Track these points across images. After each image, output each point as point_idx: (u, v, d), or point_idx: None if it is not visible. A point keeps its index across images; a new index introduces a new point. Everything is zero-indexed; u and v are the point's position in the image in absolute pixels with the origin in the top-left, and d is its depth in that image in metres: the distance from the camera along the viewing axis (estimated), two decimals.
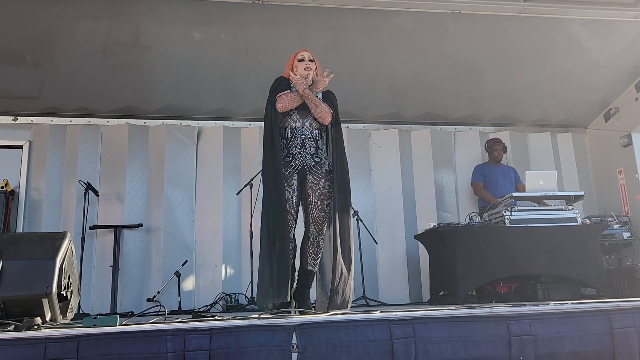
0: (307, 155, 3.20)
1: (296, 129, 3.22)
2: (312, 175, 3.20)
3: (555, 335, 2.40)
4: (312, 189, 3.19)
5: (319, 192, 3.18)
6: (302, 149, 3.20)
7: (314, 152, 3.22)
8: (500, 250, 4.65)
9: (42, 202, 5.53)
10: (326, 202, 3.18)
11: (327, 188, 3.19)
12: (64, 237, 2.65)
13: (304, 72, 3.30)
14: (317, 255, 3.20)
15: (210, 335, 2.23)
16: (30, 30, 4.75)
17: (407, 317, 2.35)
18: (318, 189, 3.18)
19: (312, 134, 3.24)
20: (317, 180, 3.19)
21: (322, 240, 3.19)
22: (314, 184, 3.19)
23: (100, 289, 5.33)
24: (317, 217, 3.17)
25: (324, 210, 3.17)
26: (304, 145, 3.20)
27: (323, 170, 3.21)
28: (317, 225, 3.18)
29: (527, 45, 5.35)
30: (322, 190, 3.18)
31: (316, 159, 3.21)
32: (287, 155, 3.18)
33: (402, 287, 5.80)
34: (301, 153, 3.19)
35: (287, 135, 3.22)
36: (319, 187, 3.19)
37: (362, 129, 6.32)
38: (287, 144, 3.21)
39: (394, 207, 6.03)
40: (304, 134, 3.22)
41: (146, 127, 5.88)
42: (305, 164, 3.19)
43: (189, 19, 4.81)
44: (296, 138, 3.21)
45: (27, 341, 2.13)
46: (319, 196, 3.18)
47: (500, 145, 5.87)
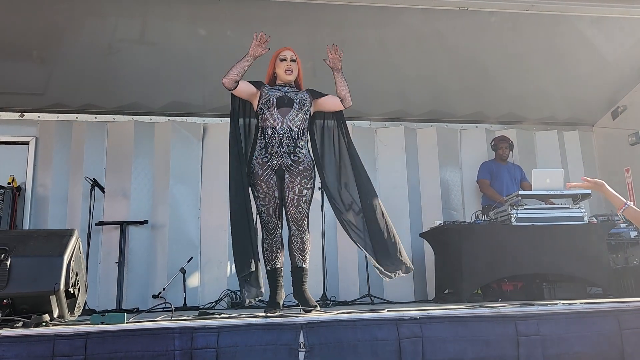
0: (284, 155, 3.18)
1: (275, 128, 3.21)
2: (289, 174, 3.20)
3: (564, 335, 2.39)
4: (288, 187, 3.19)
5: (295, 190, 3.17)
6: (280, 148, 3.18)
7: (291, 150, 3.19)
8: (506, 249, 4.62)
9: (48, 198, 5.54)
10: (302, 198, 3.17)
11: (303, 185, 3.18)
12: (71, 234, 2.66)
13: (284, 75, 3.32)
14: (304, 252, 3.21)
15: (218, 333, 2.23)
16: (37, 27, 4.75)
17: (415, 317, 2.34)
18: (294, 186, 3.18)
19: (291, 132, 3.22)
20: (293, 178, 3.19)
21: (305, 236, 3.20)
22: (290, 182, 3.19)
23: (106, 285, 5.34)
24: (294, 215, 3.17)
25: (300, 207, 3.17)
26: (282, 144, 3.19)
27: (301, 168, 3.20)
28: (296, 223, 3.18)
29: (535, 43, 5.32)
30: (297, 187, 3.17)
31: (294, 158, 3.20)
32: (265, 155, 3.20)
33: (408, 285, 5.78)
34: (278, 152, 3.18)
35: (267, 135, 3.22)
36: (294, 184, 3.18)
37: (368, 126, 6.30)
38: (266, 143, 3.21)
39: (399, 205, 6.01)
40: (282, 133, 3.20)
41: (152, 123, 5.88)
42: (283, 163, 3.19)
43: (194, 16, 4.81)
44: (274, 137, 3.20)
45: (35, 338, 2.14)
46: (295, 193, 3.17)
47: (506, 143, 5.84)
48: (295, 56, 3.44)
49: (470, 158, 6.33)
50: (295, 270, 3.23)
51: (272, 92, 3.33)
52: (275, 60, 3.42)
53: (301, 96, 3.33)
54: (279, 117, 3.21)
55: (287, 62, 3.37)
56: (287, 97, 3.28)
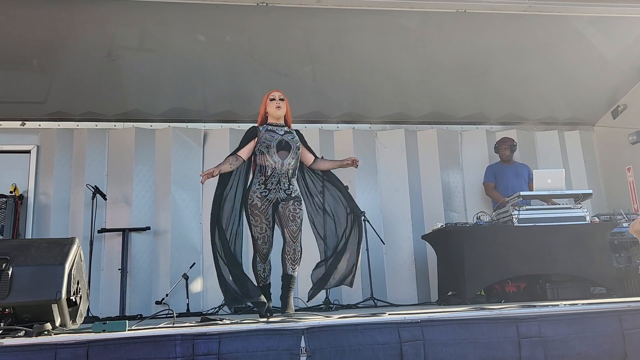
0: (280, 190, 3.65)
1: (275, 169, 3.64)
2: (282, 202, 3.67)
3: (566, 336, 2.39)
4: (284, 208, 3.64)
5: (289, 208, 3.63)
6: (277, 185, 3.65)
7: (286, 187, 3.67)
8: (508, 250, 4.62)
9: (50, 206, 5.56)
10: (297, 215, 3.64)
11: (296, 205, 3.65)
12: (72, 242, 2.66)
13: (275, 110, 3.74)
14: (295, 261, 3.63)
15: (219, 340, 2.23)
16: (37, 35, 4.77)
17: (416, 320, 2.34)
18: (288, 206, 3.63)
19: (288, 173, 3.69)
20: (286, 202, 3.65)
21: (297, 247, 3.62)
22: (284, 205, 3.65)
23: (109, 292, 5.35)
24: (291, 228, 3.60)
25: (295, 221, 3.62)
26: (280, 182, 3.65)
27: (293, 195, 3.70)
28: (292, 235, 3.60)
29: (533, 43, 5.32)
30: (292, 207, 3.64)
31: (287, 192, 3.67)
32: (264, 190, 3.64)
33: (410, 288, 5.78)
34: (276, 189, 3.64)
35: (267, 173, 3.65)
36: (288, 205, 3.64)
37: (368, 129, 6.30)
38: (265, 180, 3.64)
39: (400, 208, 6.01)
40: (281, 174, 3.65)
41: (153, 130, 5.89)
42: (278, 197, 3.65)
43: (193, 22, 4.82)
44: (274, 176, 3.65)
45: (37, 347, 2.14)
46: (290, 211, 3.62)
47: (506, 144, 5.83)
48: (283, 96, 3.85)
49: (471, 159, 6.33)
50: (285, 277, 3.65)
51: (269, 135, 3.72)
52: (266, 100, 3.83)
53: (295, 141, 3.77)
54: (279, 160, 3.66)
55: (276, 101, 3.79)
56: (285, 141, 3.71)
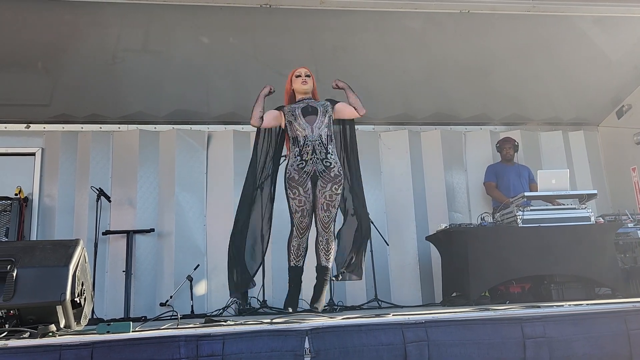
0: (318, 161, 3.41)
1: (307, 137, 3.42)
2: (321, 180, 3.41)
3: (571, 337, 2.38)
4: (320, 192, 3.43)
5: (326, 195, 3.41)
6: (314, 154, 3.41)
7: (323, 157, 3.42)
8: (513, 251, 4.60)
9: (55, 208, 5.58)
10: (332, 203, 3.41)
11: (334, 191, 3.42)
12: (76, 244, 2.67)
13: (301, 86, 3.60)
14: (328, 252, 3.49)
15: (223, 341, 2.23)
16: (42, 38, 4.80)
17: (420, 320, 2.33)
18: (325, 192, 3.41)
19: (322, 139, 3.44)
20: (325, 184, 3.41)
21: (330, 237, 3.47)
22: (322, 187, 3.42)
23: (114, 294, 5.36)
24: (323, 218, 3.42)
25: (329, 211, 3.42)
26: (315, 151, 3.41)
27: (332, 174, 3.42)
28: (324, 226, 3.44)
29: (537, 44, 5.31)
30: (328, 192, 3.41)
31: (326, 164, 3.42)
32: (300, 162, 3.42)
33: (415, 289, 5.78)
34: (312, 159, 3.41)
35: (299, 143, 3.44)
36: (326, 190, 3.41)
37: (372, 130, 6.30)
38: (300, 151, 3.42)
39: (404, 209, 6.01)
40: (314, 140, 3.41)
41: (157, 132, 5.91)
42: (317, 169, 3.41)
43: (197, 24, 4.83)
44: (307, 145, 3.42)
45: (42, 348, 2.14)
46: (325, 198, 3.41)
47: (509, 144, 5.82)
48: (310, 73, 3.71)
49: (475, 160, 6.31)
50: (320, 269, 3.55)
51: (295, 104, 3.58)
52: (292, 77, 3.70)
53: (322, 103, 3.57)
54: (308, 126, 3.45)
55: (302, 77, 3.66)
56: (310, 106, 3.52)
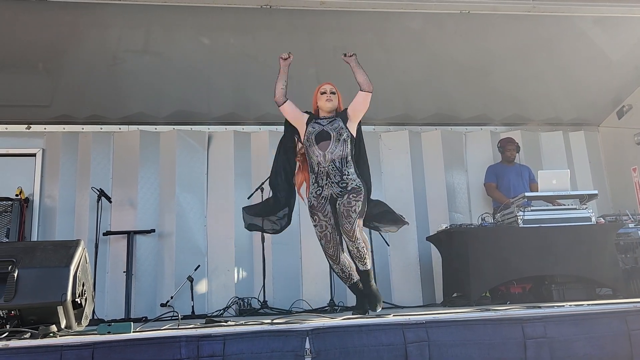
0: (334, 185, 3.42)
1: (320, 163, 3.44)
2: (339, 197, 3.41)
3: (571, 337, 2.38)
4: (339, 204, 3.41)
5: (344, 203, 3.37)
6: (328, 180, 3.42)
7: (339, 180, 3.42)
8: (513, 251, 4.60)
9: (55, 209, 5.58)
10: (352, 209, 3.36)
11: (351, 198, 3.38)
12: (77, 245, 2.67)
13: (325, 103, 3.58)
14: (362, 258, 3.39)
15: (224, 341, 2.24)
16: (42, 39, 4.80)
17: (421, 321, 2.34)
18: (342, 201, 3.38)
19: (335, 163, 3.43)
20: (342, 196, 3.40)
21: (359, 245, 3.36)
22: (340, 199, 3.40)
23: (114, 294, 5.36)
24: (345, 226, 3.34)
25: (350, 217, 3.33)
26: (329, 176, 3.42)
27: (349, 188, 3.42)
28: (347, 235, 3.34)
29: (537, 44, 5.31)
30: (346, 200, 3.37)
31: (342, 185, 3.42)
32: (317, 188, 3.45)
33: (415, 289, 5.77)
34: (328, 184, 3.42)
35: (315, 170, 3.47)
36: (343, 199, 3.39)
37: (372, 130, 6.29)
38: (316, 178, 3.46)
39: (405, 209, 5.93)
40: (326, 166, 3.42)
41: (157, 133, 5.91)
42: (333, 192, 3.43)
43: (198, 25, 4.84)
44: (321, 172, 3.44)
45: (43, 349, 2.15)
46: (344, 206, 3.37)
47: (513, 145, 5.82)
48: (335, 89, 3.70)
49: (475, 160, 6.31)
50: (360, 274, 3.49)
51: (312, 127, 3.53)
52: (317, 94, 3.68)
53: (336, 126, 3.52)
54: (321, 153, 3.45)
55: (327, 95, 3.63)
56: (325, 132, 3.49)
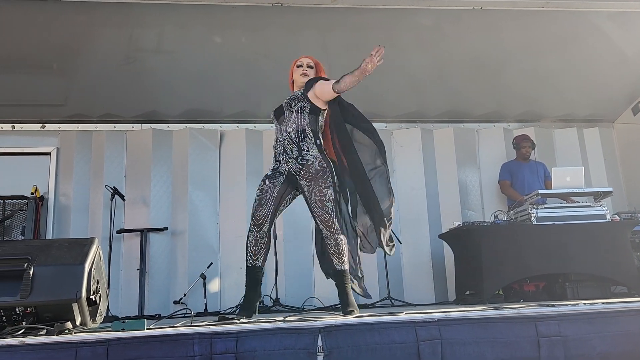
0: (291, 159, 3.19)
1: (277, 137, 3.29)
2: (303, 180, 3.17)
3: (586, 336, 2.35)
4: (308, 191, 3.15)
5: (315, 192, 3.12)
6: (285, 154, 3.21)
7: (297, 155, 3.18)
8: (527, 249, 4.57)
9: (70, 207, 5.64)
10: (325, 198, 3.10)
11: (320, 185, 3.12)
12: (92, 242, 2.70)
13: (299, 78, 3.37)
14: (340, 254, 3.12)
15: (237, 339, 2.24)
16: (56, 39, 4.85)
17: (433, 319, 2.33)
18: (312, 189, 3.13)
19: (291, 137, 3.21)
20: (309, 181, 3.14)
21: (338, 237, 3.12)
22: (307, 186, 3.15)
23: (128, 291, 5.41)
24: (322, 217, 3.12)
25: (325, 207, 3.09)
26: (286, 151, 3.21)
27: (312, 170, 3.15)
28: (325, 225, 3.12)
29: (551, 39, 5.26)
30: (316, 189, 3.12)
31: (301, 162, 3.17)
32: (275, 162, 3.28)
33: (428, 287, 5.76)
34: (284, 158, 3.21)
35: (274, 147, 3.33)
36: (312, 187, 3.13)
37: (384, 128, 6.27)
38: (274, 154, 3.30)
39: (417, 207, 5.99)
40: (282, 140, 3.24)
41: (170, 131, 5.95)
42: (291, 168, 3.19)
43: (209, 23, 4.86)
44: (278, 146, 3.27)
45: (58, 345, 2.17)
46: (316, 195, 3.11)
47: (529, 142, 5.76)
48: (313, 62, 3.45)
49: (488, 158, 6.27)
50: (336, 274, 3.19)
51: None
52: (293, 67, 3.48)
53: (294, 97, 3.31)
54: (278, 126, 3.30)
55: (304, 68, 3.42)
56: (280, 106, 3.33)
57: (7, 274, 2.52)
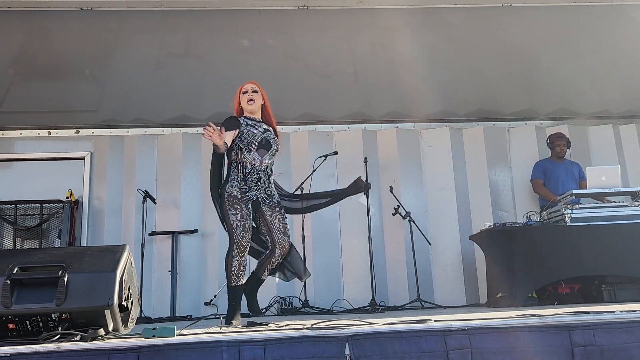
0: (261, 189, 3.47)
1: (254, 166, 3.45)
2: (266, 207, 3.48)
3: (623, 345, 2.27)
4: (272, 216, 3.48)
5: (279, 218, 3.49)
6: (258, 183, 3.46)
7: (266, 186, 3.50)
8: (561, 250, 4.47)
9: (104, 210, 5.78)
10: (286, 226, 3.51)
11: (282, 214, 3.52)
12: (123, 250, 2.74)
13: (246, 105, 3.55)
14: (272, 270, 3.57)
15: (265, 346, 2.25)
16: (89, 47, 4.98)
17: (463, 327, 2.28)
18: (277, 215, 3.49)
19: (267, 170, 3.52)
20: (272, 209, 3.49)
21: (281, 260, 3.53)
22: (271, 212, 3.48)
23: (160, 293, 5.50)
24: (283, 242, 3.48)
25: (286, 234, 3.50)
26: (260, 180, 3.47)
27: (275, 201, 3.53)
28: (283, 248, 3.48)
29: (584, 34, 5.14)
30: (280, 216, 3.50)
31: (268, 192, 3.51)
32: (243, 186, 3.43)
33: (458, 289, 5.68)
34: (257, 187, 3.45)
35: (245, 170, 3.45)
36: (276, 214, 3.49)
37: (412, 128, 6.23)
38: (245, 177, 3.44)
39: (447, 208, 5.91)
40: (260, 171, 3.47)
41: (199, 135, 6.00)
42: (259, 196, 3.46)
43: (237, 27, 4.91)
44: (254, 174, 3.45)
45: (92, 352, 2.22)
46: (280, 221, 3.49)
47: (564, 140, 5.61)
48: (257, 87, 3.65)
49: (520, 157, 6.14)
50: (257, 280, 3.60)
51: (250, 130, 3.49)
52: (239, 95, 3.63)
53: (273, 139, 3.57)
54: (258, 158, 3.47)
55: (249, 94, 3.58)
56: (265, 140, 3.51)
57: (43, 281, 2.58)
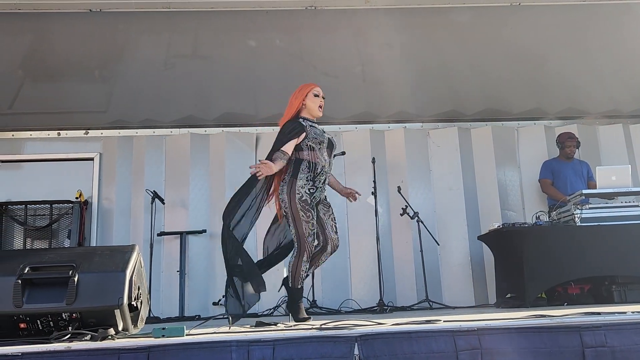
0: (324, 191, 3.57)
1: (324, 167, 3.50)
2: (323, 206, 3.58)
3: (634, 347, 2.26)
4: (325, 215, 3.56)
5: (332, 217, 3.58)
6: (324, 184, 3.55)
7: (326, 187, 3.61)
8: (571, 251, 4.44)
9: (113, 211, 5.81)
10: (336, 226, 3.60)
11: (333, 214, 3.61)
12: (132, 250, 2.76)
13: (317, 110, 3.55)
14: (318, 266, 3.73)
15: (274, 346, 2.25)
16: (98, 48, 5.00)
17: (472, 328, 2.27)
18: (330, 214, 3.58)
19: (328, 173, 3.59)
20: (327, 208, 3.59)
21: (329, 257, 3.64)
22: (325, 210, 3.57)
23: (169, 293, 5.52)
24: (335, 241, 3.56)
25: (337, 233, 3.58)
26: (325, 182, 3.56)
27: (328, 200, 3.63)
28: (334, 246, 3.56)
29: (594, 33, 5.10)
30: (332, 215, 3.59)
31: (324, 194, 3.62)
32: (312, 187, 3.45)
33: (467, 290, 5.66)
34: (322, 188, 3.53)
35: (316, 170, 3.47)
36: (329, 213, 3.58)
37: (420, 127, 6.21)
38: (314, 177, 3.46)
39: (455, 208, 5.89)
40: (327, 172, 3.55)
41: (207, 135, 6.04)
42: (321, 197, 3.56)
43: (244, 28, 4.91)
44: (322, 175, 3.50)
45: (102, 351, 2.23)
46: (332, 220, 3.58)
47: (573, 140, 5.56)
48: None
49: (528, 157, 6.11)
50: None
51: (318, 131, 3.54)
52: (308, 93, 3.57)
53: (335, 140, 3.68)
54: (327, 159, 3.53)
55: (320, 99, 3.58)
56: (333, 143, 3.62)
57: (53, 280, 2.60)
